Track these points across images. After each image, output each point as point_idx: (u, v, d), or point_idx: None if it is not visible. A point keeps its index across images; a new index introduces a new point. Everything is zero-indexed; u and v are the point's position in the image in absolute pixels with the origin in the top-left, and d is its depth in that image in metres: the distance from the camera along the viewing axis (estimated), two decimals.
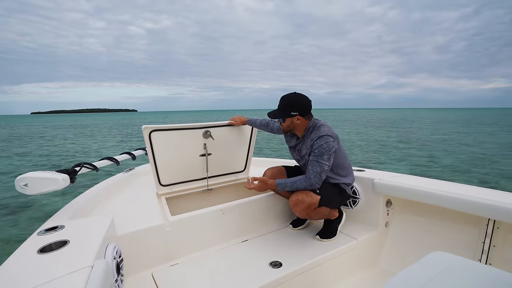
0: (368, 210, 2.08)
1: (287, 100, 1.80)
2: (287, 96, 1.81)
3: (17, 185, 1.42)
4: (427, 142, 13.99)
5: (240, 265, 1.64)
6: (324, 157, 1.73)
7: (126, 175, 2.61)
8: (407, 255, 1.93)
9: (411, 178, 1.99)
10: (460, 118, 37.64)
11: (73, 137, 20.33)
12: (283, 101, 1.81)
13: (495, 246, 1.59)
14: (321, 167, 1.73)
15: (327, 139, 1.73)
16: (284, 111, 1.81)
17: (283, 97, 1.82)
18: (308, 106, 1.81)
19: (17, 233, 4.28)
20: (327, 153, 1.72)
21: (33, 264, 0.97)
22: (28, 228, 4.44)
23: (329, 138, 1.74)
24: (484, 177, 7.20)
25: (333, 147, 1.74)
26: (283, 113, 1.81)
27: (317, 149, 1.74)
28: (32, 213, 5.10)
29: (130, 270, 1.57)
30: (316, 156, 1.74)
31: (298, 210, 1.77)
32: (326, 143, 1.72)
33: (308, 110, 1.81)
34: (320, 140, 1.74)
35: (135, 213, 1.81)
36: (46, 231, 1.24)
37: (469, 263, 0.92)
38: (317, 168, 1.74)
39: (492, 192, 1.61)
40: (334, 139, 1.76)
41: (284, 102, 1.81)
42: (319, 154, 1.73)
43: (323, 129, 1.79)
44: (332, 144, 1.73)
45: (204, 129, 2.18)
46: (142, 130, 1.95)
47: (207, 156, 2.28)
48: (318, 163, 1.74)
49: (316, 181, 1.75)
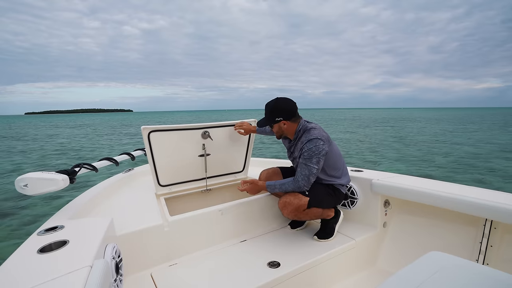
0: (366, 210, 2.10)
1: (270, 107, 1.83)
2: (269, 104, 1.84)
3: (17, 185, 1.42)
4: (422, 141, 14.11)
5: (238, 265, 1.64)
6: (313, 160, 1.74)
7: (125, 175, 2.60)
8: (405, 255, 1.94)
9: (409, 179, 2.00)
10: (458, 118, 38.03)
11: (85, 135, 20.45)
12: (267, 108, 1.85)
13: (492, 246, 1.60)
14: (309, 170, 1.75)
15: (317, 142, 1.74)
16: (269, 118, 1.84)
17: (267, 104, 1.86)
18: (292, 109, 1.82)
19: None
20: (316, 156, 1.74)
21: (33, 264, 0.96)
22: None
23: (319, 141, 1.75)
24: (479, 177, 7.27)
25: (323, 150, 1.75)
26: (268, 120, 1.85)
27: (306, 152, 1.75)
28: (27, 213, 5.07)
29: (129, 270, 1.57)
30: (305, 159, 1.76)
31: (286, 212, 1.80)
32: (315, 146, 1.74)
33: (293, 113, 1.82)
34: (310, 143, 1.76)
35: (134, 213, 1.81)
36: (46, 231, 1.24)
37: (465, 263, 0.92)
38: (305, 171, 1.76)
39: (490, 193, 1.62)
40: (324, 142, 1.77)
41: (268, 109, 1.84)
42: (308, 157, 1.75)
43: (313, 132, 1.80)
44: (321, 147, 1.74)
45: (203, 129, 2.18)
46: (141, 130, 1.95)
47: (205, 156, 2.28)
48: (307, 166, 1.76)
49: (303, 184, 1.77)
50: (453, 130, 20.24)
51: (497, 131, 19.07)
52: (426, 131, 19.71)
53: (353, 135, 18.19)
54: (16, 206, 5.49)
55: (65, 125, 40.07)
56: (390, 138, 16.07)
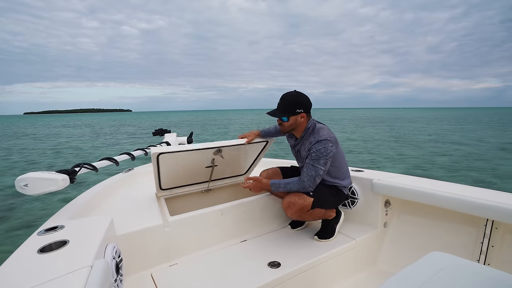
0: (366, 210, 2.09)
1: (291, 98, 1.77)
2: (290, 94, 1.77)
3: (17, 185, 1.41)
4: (421, 141, 14.14)
5: (238, 265, 1.64)
6: (321, 161, 1.72)
7: (126, 175, 2.60)
8: (406, 256, 1.94)
9: (410, 179, 1.99)
10: (457, 118, 38.15)
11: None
12: (287, 99, 1.77)
13: (494, 247, 1.59)
14: (316, 171, 1.73)
15: (326, 144, 1.72)
16: (289, 109, 1.76)
17: (287, 95, 1.78)
18: (310, 104, 1.80)
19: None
20: (324, 158, 1.72)
21: (33, 264, 0.96)
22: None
23: (328, 142, 1.73)
24: (479, 177, 7.29)
25: (331, 152, 1.73)
26: (287, 111, 1.77)
27: (314, 153, 1.73)
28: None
29: (129, 270, 1.56)
30: (313, 160, 1.74)
31: (290, 212, 1.78)
32: (324, 147, 1.71)
33: (310, 108, 1.81)
34: (319, 144, 1.73)
35: (135, 213, 1.81)
36: (46, 231, 1.23)
37: (467, 263, 0.92)
38: (312, 172, 1.74)
39: (491, 193, 1.61)
40: (333, 143, 1.75)
41: (289, 100, 1.77)
42: (315, 158, 1.73)
43: (322, 133, 1.77)
44: (330, 149, 1.72)
45: (215, 148, 2.05)
46: (150, 154, 1.90)
47: (213, 167, 2.23)
48: (314, 167, 1.73)
49: (309, 185, 1.75)
50: (452, 130, 20.30)
51: (497, 131, 19.13)
52: (425, 131, 19.76)
53: (353, 135, 18.21)
54: (15, 205, 5.48)
55: (61, 125, 40.01)
56: (389, 137, 16.10)
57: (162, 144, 3.04)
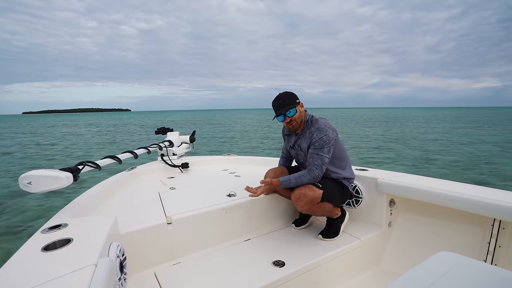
0: (371, 209, 2.08)
1: (286, 94, 1.87)
2: (284, 93, 1.88)
3: (20, 183, 1.40)
4: (422, 140, 14.14)
5: (242, 264, 1.63)
6: (325, 149, 1.77)
7: (128, 173, 2.59)
8: (411, 256, 1.93)
9: (415, 178, 1.98)
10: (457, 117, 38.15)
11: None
12: (283, 96, 1.87)
13: (501, 247, 1.58)
14: (321, 160, 1.77)
15: (327, 132, 1.77)
16: (291, 100, 1.84)
17: (280, 94, 1.88)
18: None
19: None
20: (327, 145, 1.77)
21: (37, 262, 0.95)
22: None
23: (329, 130, 1.78)
24: (479, 177, 7.28)
25: (333, 139, 1.78)
26: (291, 102, 1.84)
27: (317, 142, 1.78)
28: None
29: (133, 268, 1.55)
30: (317, 149, 1.78)
31: (301, 204, 1.77)
32: (326, 135, 1.77)
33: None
34: (320, 133, 1.78)
35: (138, 211, 1.80)
36: (50, 229, 1.22)
37: (475, 263, 0.90)
38: (318, 160, 1.78)
39: (498, 192, 1.59)
40: (333, 130, 1.81)
41: (285, 95, 1.87)
42: (319, 147, 1.77)
43: (321, 122, 1.85)
44: (331, 136, 1.77)
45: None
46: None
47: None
48: (319, 156, 1.77)
49: (318, 173, 1.78)
50: (453, 130, 20.32)
51: (497, 131, 19.14)
52: (425, 131, 19.77)
53: (352, 134, 18.22)
54: (19, 203, 5.46)
55: (61, 124, 39.97)
56: (389, 137, 16.10)
57: (164, 142, 3.03)
